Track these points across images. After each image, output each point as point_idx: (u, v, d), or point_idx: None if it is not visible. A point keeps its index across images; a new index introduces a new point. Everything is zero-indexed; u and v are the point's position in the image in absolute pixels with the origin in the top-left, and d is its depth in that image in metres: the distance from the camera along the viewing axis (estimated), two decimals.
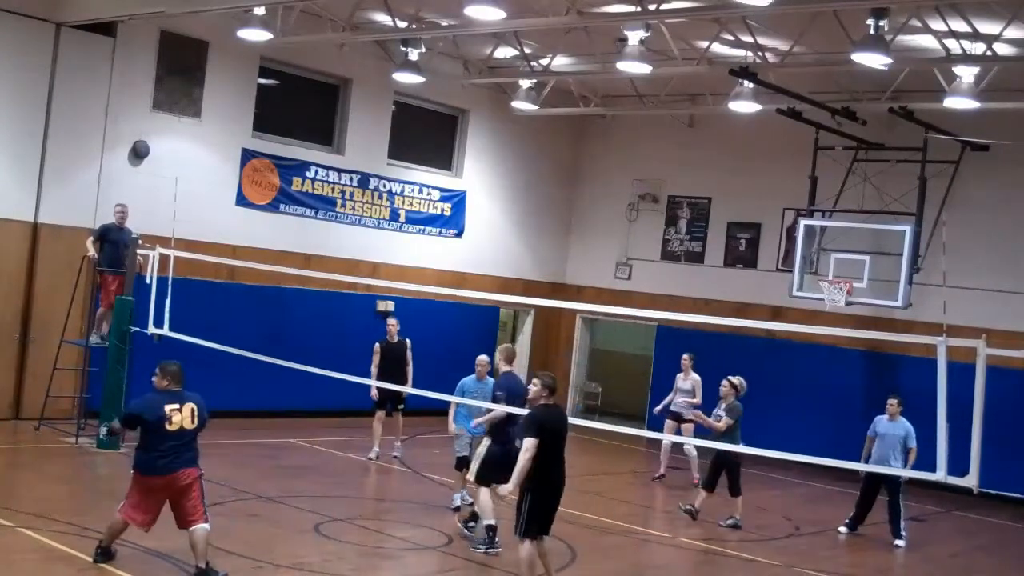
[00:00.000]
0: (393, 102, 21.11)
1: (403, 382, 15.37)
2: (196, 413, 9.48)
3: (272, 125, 19.49)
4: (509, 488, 9.38)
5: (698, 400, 16.48)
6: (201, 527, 9.32)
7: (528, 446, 9.21)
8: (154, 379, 9.58)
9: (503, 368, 11.97)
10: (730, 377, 14.07)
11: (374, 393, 15.69)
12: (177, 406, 9.40)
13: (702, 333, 19.30)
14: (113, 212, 15.74)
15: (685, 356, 16.96)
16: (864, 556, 13.59)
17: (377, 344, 16.03)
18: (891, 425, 13.89)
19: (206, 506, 9.47)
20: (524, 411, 10.34)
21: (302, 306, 19.33)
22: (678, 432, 16.35)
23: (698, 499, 14.00)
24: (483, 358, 13.03)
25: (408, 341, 16.12)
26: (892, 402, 14.03)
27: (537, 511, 9.41)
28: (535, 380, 9.68)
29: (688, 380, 16.84)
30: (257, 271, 16.84)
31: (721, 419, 13.67)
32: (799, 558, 12.69)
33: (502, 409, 11.51)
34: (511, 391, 11.62)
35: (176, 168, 17.25)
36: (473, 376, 12.88)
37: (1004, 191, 18.72)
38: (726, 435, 13.54)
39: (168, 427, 9.29)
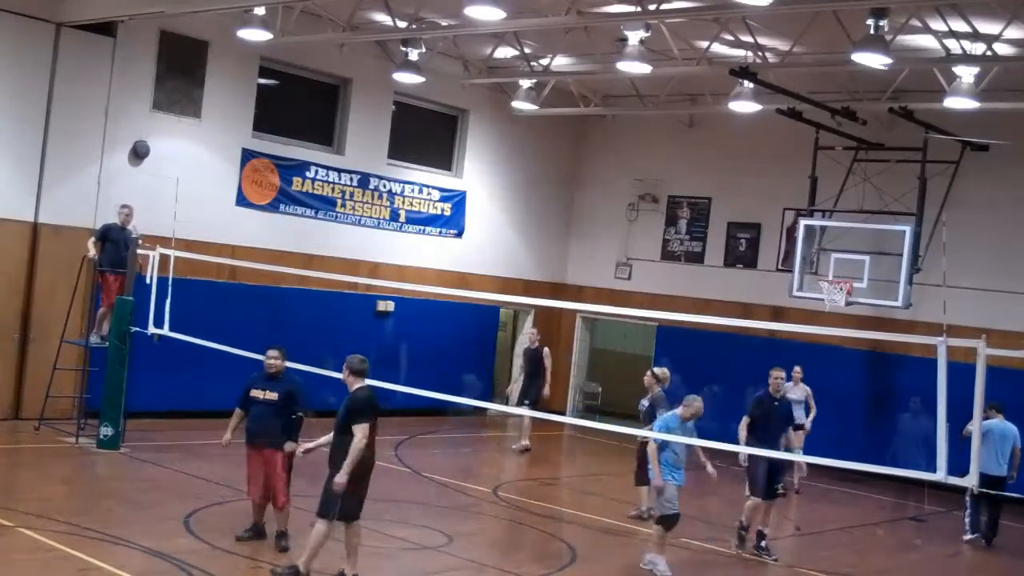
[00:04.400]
0: (393, 102, 21.10)
1: (540, 384, 18.15)
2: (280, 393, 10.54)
3: (272, 125, 19.49)
4: (344, 479, 9.20)
5: (813, 412, 17.02)
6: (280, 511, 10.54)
7: (365, 432, 9.27)
8: None
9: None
10: (653, 369, 14.42)
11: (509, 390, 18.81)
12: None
13: (702, 333, 19.31)
14: (118, 212, 15.71)
15: (796, 368, 16.98)
16: (864, 556, 13.59)
17: (523, 349, 18.72)
18: (999, 426, 13.78)
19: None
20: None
21: (302, 306, 19.30)
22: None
23: (644, 500, 13.98)
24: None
25: (545, 349, 18.33)
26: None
27: (351, 493, 9.30)
28: (345, 366, 9.69)
29: (798, 390, 16.95)
30: (257, 271, 16.84)
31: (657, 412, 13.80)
32: (799, 558, 12.69)
33: None
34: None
35: (176, 168, 17.25)
36: (676, 413, 11.36)
37: (1004, 191, 18.72)
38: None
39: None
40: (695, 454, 11.43)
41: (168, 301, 14.74)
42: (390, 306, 20.54)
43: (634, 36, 15.48)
